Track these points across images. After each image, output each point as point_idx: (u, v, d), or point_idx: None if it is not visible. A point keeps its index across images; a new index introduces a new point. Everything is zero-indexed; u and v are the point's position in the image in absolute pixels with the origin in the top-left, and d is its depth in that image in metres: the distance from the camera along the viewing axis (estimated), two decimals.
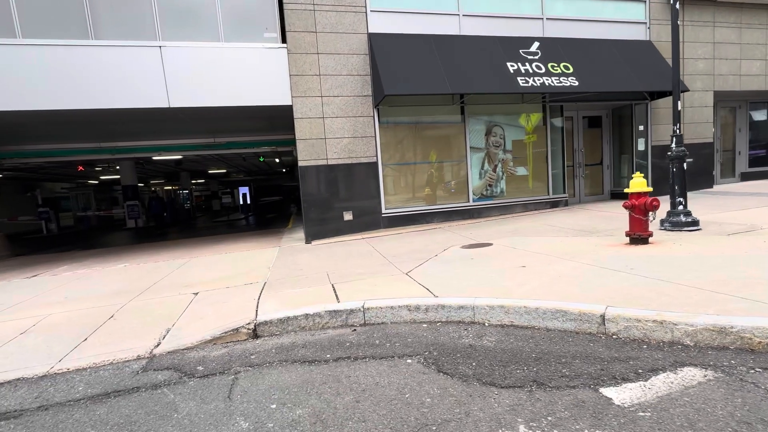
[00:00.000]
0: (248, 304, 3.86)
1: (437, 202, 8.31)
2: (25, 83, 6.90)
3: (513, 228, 7.03)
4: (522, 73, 7.60)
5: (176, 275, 5.63)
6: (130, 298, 4.58)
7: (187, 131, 10.85)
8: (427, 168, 8.27)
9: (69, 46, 6.98)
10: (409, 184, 8.19)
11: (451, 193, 8.41)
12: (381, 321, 3.32)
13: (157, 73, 7.33)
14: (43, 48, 6.92)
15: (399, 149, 8.06)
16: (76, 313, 4.17)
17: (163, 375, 2.70)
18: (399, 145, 8.06)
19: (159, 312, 3.97)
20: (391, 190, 8.00)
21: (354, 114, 7.58)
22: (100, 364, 2.99)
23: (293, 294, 4.02)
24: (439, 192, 8.36)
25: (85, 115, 7.72)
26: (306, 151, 7.37)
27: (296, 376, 2.47)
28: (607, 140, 10.00)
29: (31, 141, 10.24)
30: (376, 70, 7.16)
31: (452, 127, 8.36)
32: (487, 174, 8.54)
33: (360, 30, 7.49)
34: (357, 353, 2.74)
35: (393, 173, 8.02)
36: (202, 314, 3.74)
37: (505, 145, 8.66)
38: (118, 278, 5.77)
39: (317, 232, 7.56)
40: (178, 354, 3.05)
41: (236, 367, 2.71)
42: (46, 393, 2.60)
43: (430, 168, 8.28)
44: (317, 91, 7.35)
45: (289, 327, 3.31)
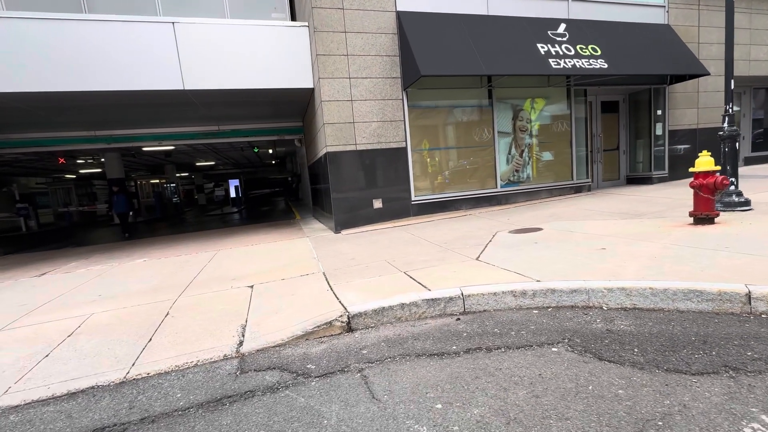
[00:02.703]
0: (322, 295, 3.55)
1: (465, 188, 8.10)
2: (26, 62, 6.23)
3: (549, 213, 6.91)
4: (552, 54, 7.43)
5: (212, 269, 5.22)
6: (176, 293, 4.18)
7: (190, 118, 10.22)
8: (455, 153, 8.03)
9: (81, 21, 6.33)
10: (437, 170, 7.94)
11: (478, 179, 8.21)
12: (483, 309, 3.08)
13: (170, 52, 6.77)
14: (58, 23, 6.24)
15: (427, 134, 7.78)
16: (122, 312, 3.76)
17: (271, 376, 2.39)
18: (427, 130, 7.78)
19: (220, 308, 3.61)
20: (419, 177, 7.73)
21: (383, 97, 7.23)
22: (183, 366, 2.64)
23: (366, 284, 3.73)
24: (466, 178, 8.15)
25: (92, 99, 7.07)
26: (334, 136, 6.99)
27: (436, 372, 2.21)
28: (623, 125, 10.01)
29: (18, 129, 9.40)
30: (408, 50, 6.82)
31: (480, 111, 8.12)
32: (514, 159, 8.38)
33: (388, 8, 7.11)
34: (485, 343, 2.50)
35: (421, 159, 7.75)
36: (275, 308, 3.41)
37: (531, 130, 8.51)
38: (147, 274, 5.30)
39: (346, 221, 7.23)
40: (271, 352, 2.73)
41: (354, 364, 2.42)
42: (139, 402, 2.25)
43: (457, 153, 8.05)
44: (345, 72, 6.96)
45: (384, 318, 3.04)
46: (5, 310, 4.17)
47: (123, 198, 12.25)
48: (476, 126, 8.12)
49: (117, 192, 12.50)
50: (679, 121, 9.62)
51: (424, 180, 7.80)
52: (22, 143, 9.67)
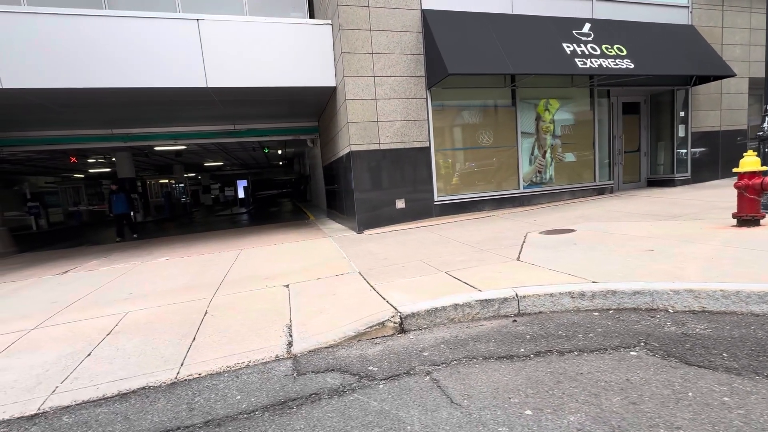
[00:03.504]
0: (366, 295, 3.45)
1: (487, 189, 7.99)
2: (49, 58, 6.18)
3: (577, 214, 6.78)
4: (578, 54, 7.33)
5: (240, 268, 5.13)
6: (210, 292, 4.08)
7: (207, 117, 10.18)
8: (478, 153, 7.93)
9: (105, 17, 6.29)
10: (459, 170, 7.83)
11: (501, 180, 8.11)
12: (539, 311, 2.97)
13: (194, 50, 6.71)
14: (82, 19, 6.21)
15: (450, 134, 7.69)
16: (158, 310, 3.66)
17: (333, 378, 2.28)
18: (450, 130, 7.69)
19: (259, 307, 3.51)
20: (442, 177, 7.63)
21: (407, 96, 7.15)
22: (235, 367, 2.55)
23: (409, 284, 3.63)
24: (489, 179, 8.04)
25: (114, 96, 7.03)
26: (358, 135, 6.90)
27: (511, 375, 2.10)
28: (644, 126, 9.88)
29: (36, 127, 9.37)
30: (434, 49, 6.74)
31: (503, 111, 8.03)
32: (536, 160, 8.27)
33: (413, 6, 7.04)
34: (554, 346, 2.39)
35: (444, 159, 7.65)
36: (318, 308, 3.31)
37: (554, 130, 8.40)
38: (173, 272, 5.22)
39: (369, 221, 7.13)
40: (325, 353, 2.63)
41: (419, 366, 2.31)
42: (198, 404, 2.15)
43: (480, 154, 7.94)
44: (369, 70, 6.88)
45: (437, 319, 2.93)
46: (37, 307, 4.09)
47: (123, 197, 10.77)
48: (499, 126, 8.02)
49: (116, 191, 10.83)
50: (701, 123, 9.49)
51: (446, 180, 7.70)
52: (39, 141, 9.65)
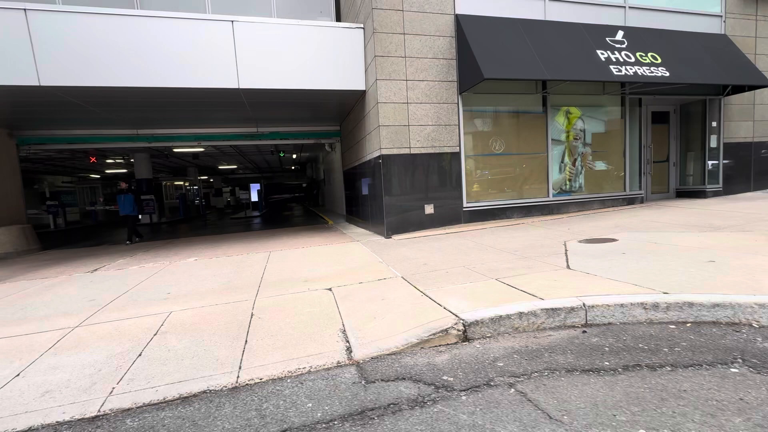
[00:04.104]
0: (419, 301, 3.33)
1: (516, 196, 7.86)
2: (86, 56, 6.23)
3: (612, 224, 6.61)
4: (613, 61, 7.21)
5: (275, 271, 5.03)
6: (251, 294, 3.99)
7: (231, 119, 10.21)
8: (507, 160, 7.81)
9: (143, 17, 6.34)
10: (488, 176, 7.72)
11: (530, 188, 7.96)
12: (608, 321, 2.82)
13: (228, 51, 6.72)
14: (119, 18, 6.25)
15: (480, 139, 7.58)
16: (201, 311, 3.57)
17: (406, 387, 2.16)
18: (480, 135, 7.59)
19: (307, 310, 3.41)
20: (471, 183, 7.52)
21: (438, 100, 7.08)
22: (296, 372, 2.43)
23: (461, 290, 3.50)
24: (518, 186, 7.91)
25: (147, 95, 7.05)
26: (388, 139, 6.83)
27: (606, 390, 1.96)
28: (674, 136, 9.70)
29: (64, 126, 9.46)
30: (467, 53, 6.67)
31: (533, 117, 7.92)
32: (566, 168, 8.13)
33: (447, 10, 7.00)
34: (640, 360, 2.24)
35: (474, 165, 7.54)
36: (370, 313, 3.19)
37: (584, 138, 8.27)
38: (206, 273, 5.14)
39: (397, 226, 7.02)
40: (389, 360, 2.50)
41: (498, 378, 2.18)
42: (268, 411, 2.04)
43: (509, 160, 7.82)
44: (402, 74, 6.83)
45: (501, 328, 2.79)
46: (76, 305, 4.03)
47: (131, 198, 9.91)
48: (529, 133, 7.90)
49: (124, 190, 9.94)
50: (734, 133, 9.28)
51: (476, 186, 7.58)
52: (66, 140, 9.73)
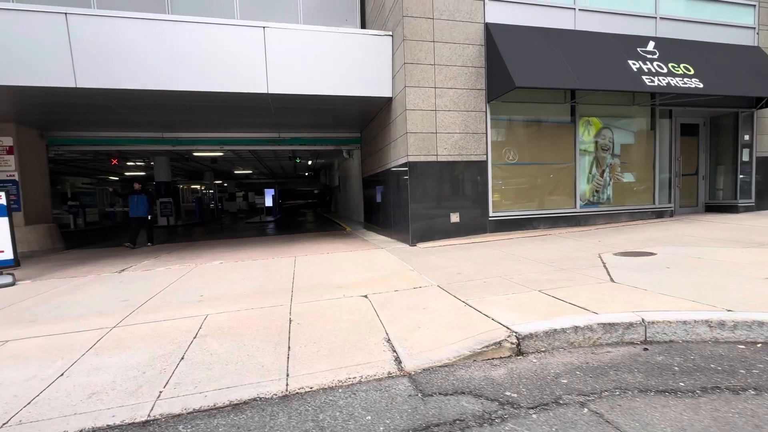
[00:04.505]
0: (462, 311, 3.22)
1: (543, 206, 7.71)
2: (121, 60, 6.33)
3: (645, 237, 6.42)
4: (645, 72, 7.09)
5: (304, 276, 4.97)
6: (284, 299, 3.92)
7: (254, 125, 10.30)
8: (534, 170, 7.69)
9: (177, 22, 6.44)
10: (515, 186, 7.60)
11: (557, 198, 7.82)
12: (669, 339, 2.68)
13: (259, 56, 6.78)
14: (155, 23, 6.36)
15: (507, 148, 7.49)
16: (238, 315, 3.51)
17: (469, 402, 2.05)
18: (507, 144, 7.49)
19: (346, 317, 3.32)
20: (498, 192, 7.41)
21: (466, 108, 7.02)
22: (347, 382, 2.34)
23: (506, 301, 3.38)
24: (545, 196, 7.77)
25: (178, 99, 7.14)
26: (416, 146, 6.78)
27: (690, 414, 1.83)
28: (703, 149, 9.47)
29: (93, 127, 9.64)
30: (498, 62, 6.62)
31: (561, 127, 7.81)
32: (594, 179, 7.97)
33: (477, 19, 6.98)
34: (719, 382, 2.10)
35: (500, 174, 7.44)
36: (413, 322, 3.10)
37: (613, 149, 8.11)
38: (236, 277, 5.10)
39: (422, 234, 6.92)
40: (442, 373, 2.40)
41: (566, 396, 2.06)
42: (326, 423, 1.94)
43: (537, 170, 7.70)
44: (431, 81, 6.80)
45: (556, 342, 2.67)
46: (109, 305, 4.01)
47: (144, 200, 9.45)
48: (557, 143, 7.78)
49: (138, 191, 9.45)
50: (767, 147, 9.03)
51: (502, 196, 7.47)
52: (93, 141, 9.91)
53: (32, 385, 2.43)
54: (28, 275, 5.89)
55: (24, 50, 5.99)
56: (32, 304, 4.19)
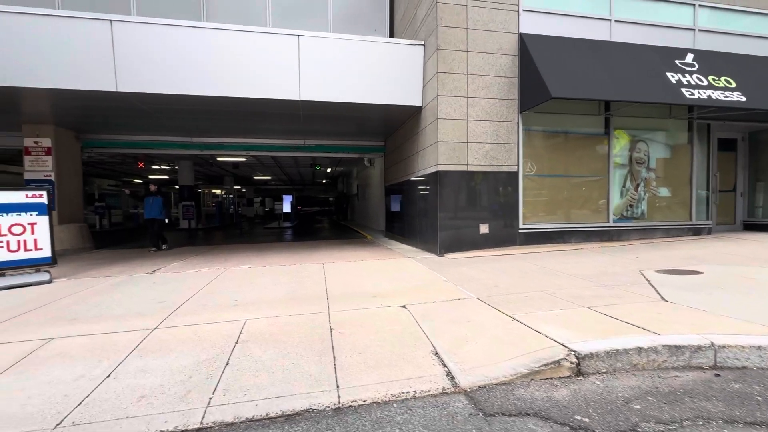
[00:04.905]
0: (510, 327, 3.10)
1: (575, 220, 7.51)
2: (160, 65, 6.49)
3: (685, 255, 6.16)
4: (684, 84, 6.89)
5: (336, 283, 4.91)
6: (321, 306, 3.86)
7: (280, 131, 10.41)
8: (566, 182, 7.52)
9: (217, 30, 6.58)
10: (546, 198, 7.43)
11: (589, 212, 7.61)
12: (742, 365, 2.50)
13: (292, 63, 6.87)
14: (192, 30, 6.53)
15: (538, 160, 7.35)
16: (276, 321, 3.46)
17: (536, 425, 1.93)
18: (539, 156, 7.36)
19: (388, 328, 3.23)
20: (528, 204, 7.25)
21: (498, 118, 6.94)
22: (401, 396, 2.25)
23: (554, 318, 3.24)
24: (576, 209, 7.57)
25: (212, 104, 7.27)
26: (446, 155, 6.71)
27: None
28: (742, 165, 9.13)
29: (126, 131, 9.90)
30: (532, 72, 6.54)
31: (594, 139, 7.63)
32: (628, 193, 7.74)
33: (511, 29, 6.93)
34: None
35: (531, 185, 7.29)
36: (460, 336, 2.98)
37: (648, 163, 7.88)
38: (266, 282, 5.07)
39: (450, 244, 6.80)
40: (501, 391, 2.28)
41: (643, 423, 1.92)
42: None
43: (569, 182, 7.53)
44: (463, 91, 6.76)
45: (618, 363, 2.52)
46: (147, 306, 4.01)
47: (159, 202, 9.21)
48: (590, 155, 7.61)
49: (153, 193, 9.28)
50: None
51: (532, 207, 7.31)
52: (126, 144, 10.17)
53: (81, 385, 2.41)
54: (63, 273, 5.99)
55: (69, 55, 6.20)
56: (72, 302, 4.24)
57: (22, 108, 7.77)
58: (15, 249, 5.19)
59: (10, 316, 3.74)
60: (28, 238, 5.31)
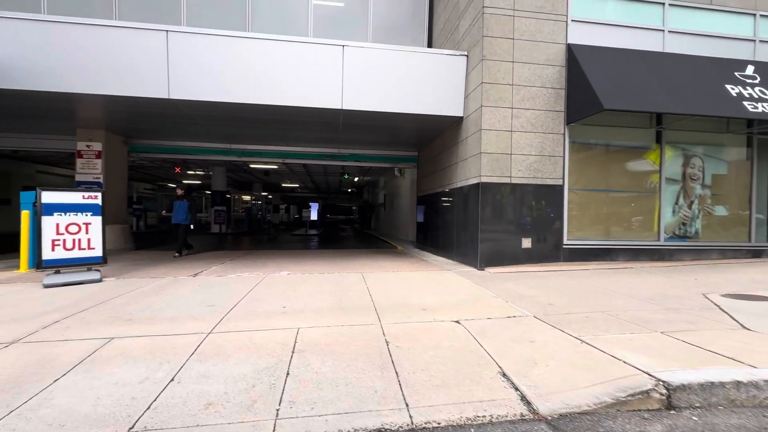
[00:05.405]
0: (580, 349, 2.90)
1: (622, 237, 7.16)
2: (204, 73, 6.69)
3: (749, 278, 5.73)
4: (746, 97, 6.51)
5: (381, 294, 4.81)
6: (371, 318, 3.76)
7: (316, 139, 10.53)
8: (614, 197, 7.20)
9: (271, 40, 6.76)
10: (592, 213, 7.13)
11: (638, 229, 7.24)
12: None
13: (336, 73, 6.94)
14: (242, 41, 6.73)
15: (585, 173, 7.08)
16: (328, 330, 3.39)
17: None
18: (585, 169, 7.09)
19: (446, 344, 3.10)
20: (573, 219, 6.98)
21: (543, 130, 6.75)
22: (476, 421, 2.11)
23: (626, 342, 3.02)
24: (625, 226, 7.22)
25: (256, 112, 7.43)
26: (489, 166, 6.56)
27: None
28: None
29: (169, 137, 10.27)
30: (582, 83, 6.34)
31: (645, 153, 7.30)
32: (681, 210, 7.33)
33: (558, 40, 6.78)
34: None
35: (577, 199, 7.02)
36: (527, 357, 2.81)
37: (703, 179, 7.46)
38: (309, 290, 5.03)
39: (491, 258, 6.60)
40: (585, 422, 2.10)
41: None
42: None
43: (616, 197, 7.21)
44: (508, 101, 6.62)
45: (714, 398, 2.29)
46: (196, 309, 4.03)
47: (186, 206, 8.88)
48: (639, 169, 7.27)
49: (180, 197, 8.98)
50: None
51: (578, 223, 7.02)
52: (170, 149, 10.54)
53: (147, 388, 2.39)
54: (111, 273, 6.17)
55: (127, 63, 6.48)
56: (124, 302, 4.32)
57: (78, 114, 8.17)
58: (70, 247, 5.38)
59: (70, 313, 3.84)
60: (83, 237, 5.49)
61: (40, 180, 17.15)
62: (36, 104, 7.20)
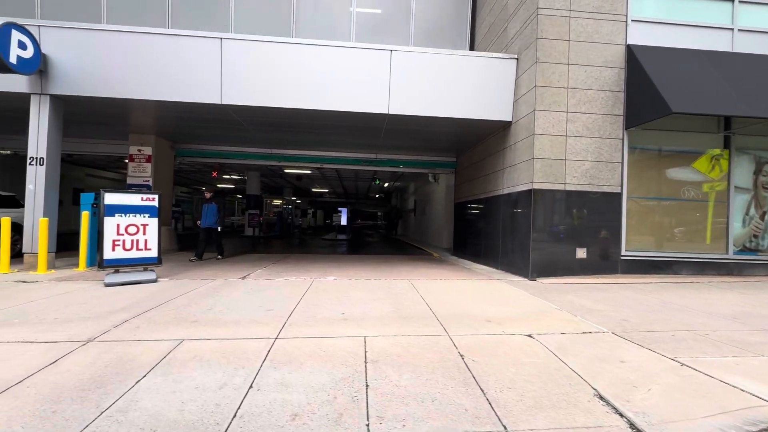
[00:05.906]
0: (683, 373, 2.64)
1: (686, 249, 6.70)
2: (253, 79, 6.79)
3: None
4: None
5: (437, 303, 4.64)
6: (437, 329, 3.61)
7: (354, 144, 10.55)
8: (676, 206, 6.76)
9: (317, 46, 6.81)
10: (652, 223, 6.72)
11: (703, 241, 6.76)
12: None
13: (383, 78, 6.89)
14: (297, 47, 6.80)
15: (645, 180, 6.69)
16: (394, 341, 3.26)
17: None
18: (645, 176, 6.71)
19: (526, 360, 2.90)
20: (632, 228, 6.59)
21: (600, 135, 6.43)
22: None
23: (732, 366, 2.73)
24: (688, 237, 6.76)
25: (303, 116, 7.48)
26: (542, 173, 6.30)
27: None
28: None
29: (212, 142, 10.55)
30: (645, 85, 6.01)
31: (711, 160, 6.83)
32: (752, 222, 6.79)
33: (617, 41, 6.47)
34: None
35: (636, 208, 6.63)
36: (622, 379, 2.58)
37: None
38: (360, 297, 4.94)
39: (543, 268, 6.31)
40: None
41: None
42: None
43: (679, 206, 6.77)
44: (563, 105, 6.36)
45: None
46: (256, 313, 4.01)
47: (214, 209, 8.71)
48: (705, 177, 6.80)
49: (209, 200, 8.79)
50: None
51: (637, 233, 6.62)
52: (213, 154, 10.83)
53: (228, 395, 2.33)
54: (164, 273, 6.31)
55: (182, 70, 6.67)
56: (184, 303, 4.36)
57: (132, 119, 8.51)
58: (129, 248, 5.53)
59: (136, 313, 3.89)
60: (140, 238, 5.64)
61: (89, 183, 18.07)
62: (97, 109, 7.54)
